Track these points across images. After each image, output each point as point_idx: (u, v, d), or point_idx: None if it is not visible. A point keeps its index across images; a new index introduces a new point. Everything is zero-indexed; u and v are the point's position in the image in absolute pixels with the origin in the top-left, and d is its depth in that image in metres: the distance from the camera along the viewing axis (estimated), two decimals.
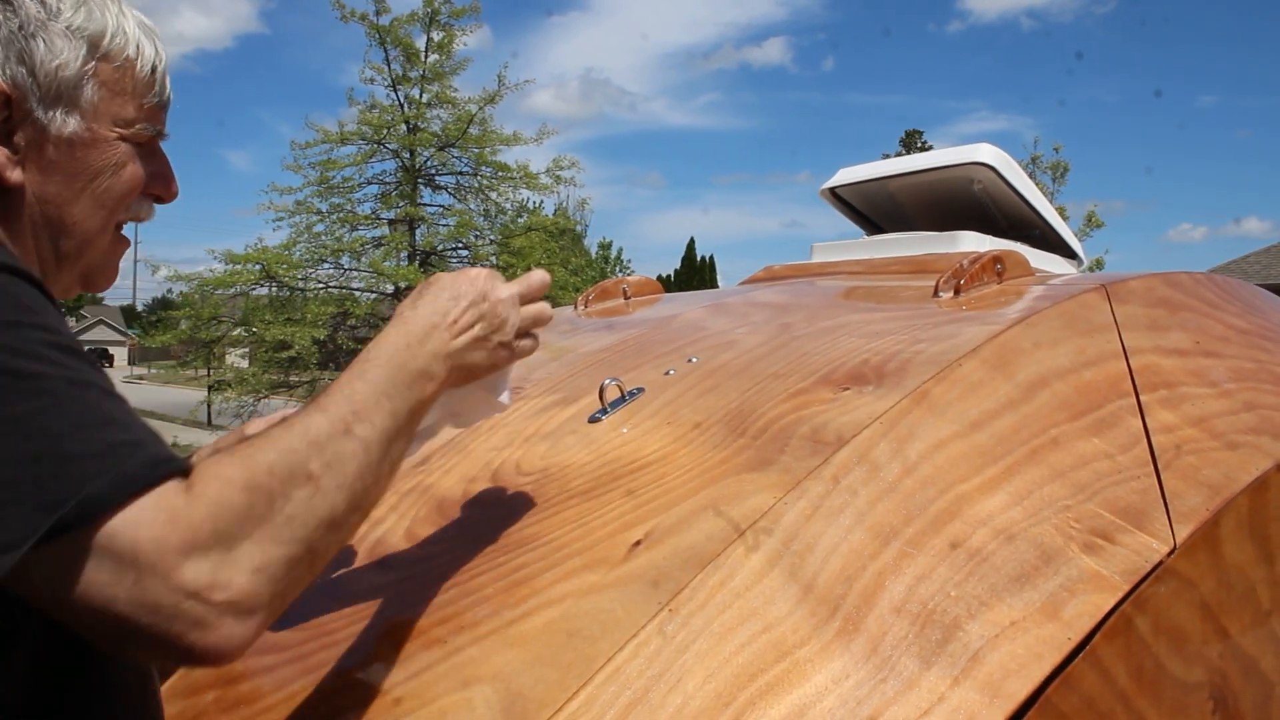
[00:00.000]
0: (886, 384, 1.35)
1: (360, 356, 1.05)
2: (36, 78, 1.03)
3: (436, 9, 17.62)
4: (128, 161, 1.11)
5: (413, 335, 1.08)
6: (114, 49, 1.08)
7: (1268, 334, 1.81)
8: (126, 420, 0.86)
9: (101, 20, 1.07)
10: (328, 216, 17.90)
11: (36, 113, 1.03)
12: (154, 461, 0.84)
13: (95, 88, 1.07)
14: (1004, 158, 2.58)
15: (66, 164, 1.06)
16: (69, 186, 1.07)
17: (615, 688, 0.98)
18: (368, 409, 0.99)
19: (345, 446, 0.95)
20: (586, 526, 1.22)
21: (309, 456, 0.92)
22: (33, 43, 1.03)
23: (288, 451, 0.92)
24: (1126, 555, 1.16)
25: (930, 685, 0.98)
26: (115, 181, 1.10)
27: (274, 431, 0.94)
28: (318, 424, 0.95)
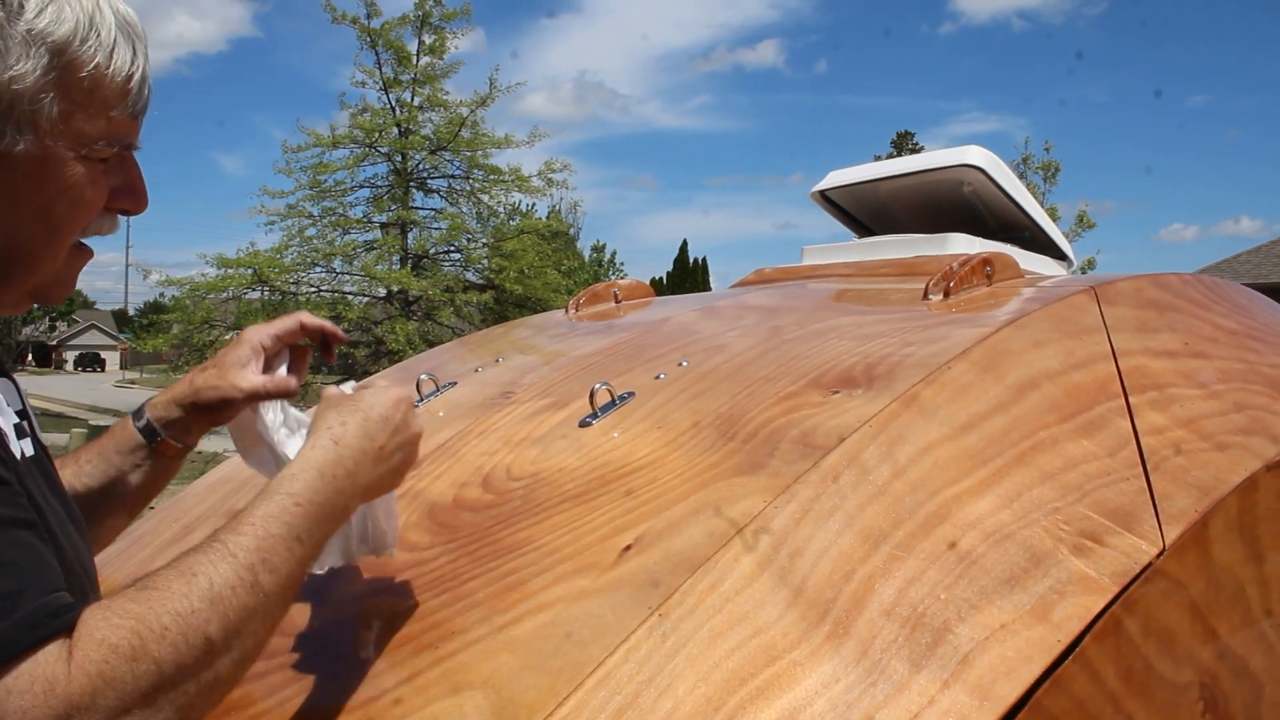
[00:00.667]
0: (876, 387, 1.35)
1: (283, 480, 1.00)
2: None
3: (428, 12, 17.65)
4: (85, 183, 0.98)
5: (342, 467, 1.04)
6: (82, 56, 0.94)
7: (1256, 334, 1.81)
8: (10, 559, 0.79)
9: (71, 22, 0.93)
10: (319, 220, 17.93)
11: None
12: (35, 620, 0.77)
13: (53, 101, 0.93)
14: (993, 159, 2.58)
15: (13, 185, 0.94)
16: (16, 209, 0.95)
17: (606, 693, 0.98)
18: (277, 557, 0.93)
19: (249, 602, 0.89)
20: (577, 531, 1.22)
21: (209, 619, 0.85)
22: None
23: (188, 614, 0.84)
24: (1116, 557, 1.16)
25: (920, 688, 0.98)
26: (68, 205, 0.98)
27: (175, 582, 0.86)
28: (224, 575, 0.88)
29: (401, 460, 1.13)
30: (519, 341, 2.43)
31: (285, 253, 17.55)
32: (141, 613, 0.82)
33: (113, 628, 0.80)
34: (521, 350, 2.26)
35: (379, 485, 1.11)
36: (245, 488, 1.70)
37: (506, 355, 2.15)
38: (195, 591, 0.86)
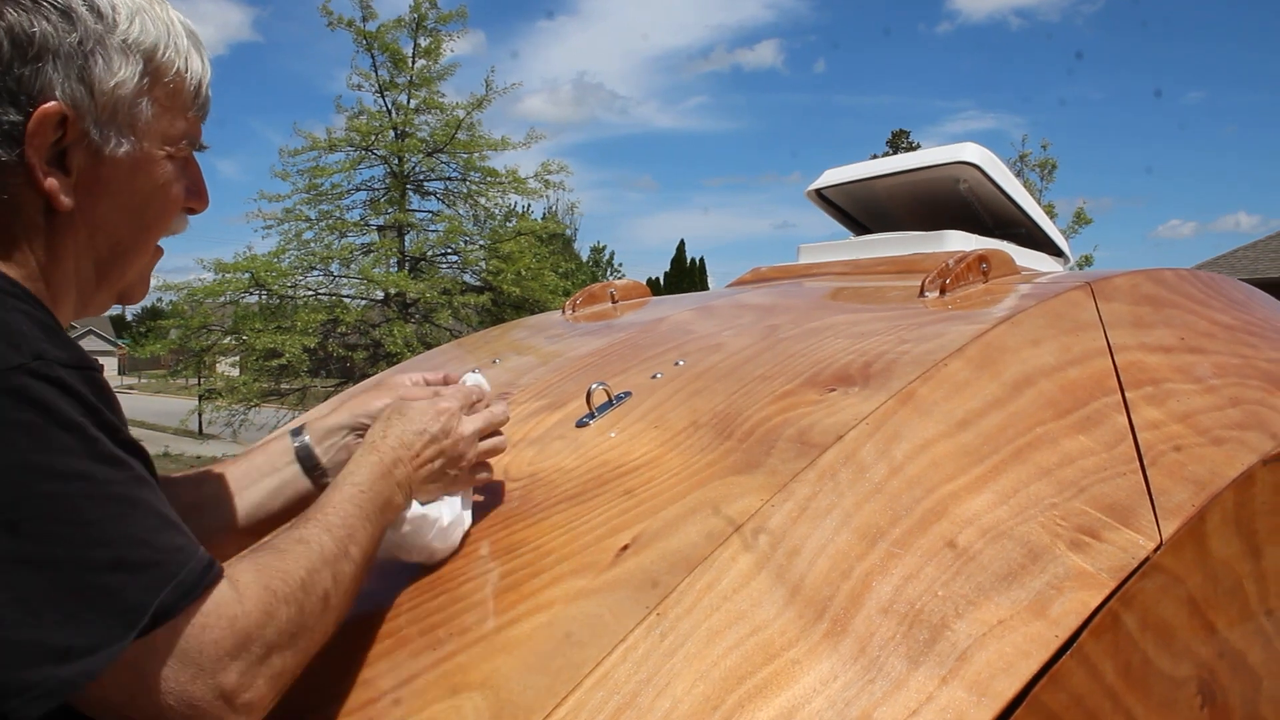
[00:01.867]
0: (873, 385, 1.35)
1: (344, 478, 1.15)
2: (94, 98, 0.98)
3: (423, 14, 17.63)
4: (172, 181, 1.08)
5: (384, 466, 1.18)
6: (166, 63, 1.04)
7: (1252, 329, 1.81)
8: (170, 518, 0.91)
9: (156, 32, 1.03)
10: (316, 224, 17.91)
11: (92, 134, 0.99)
12: (203, 568, 0.90)
13: (148, 105, 1.03)
14: (989, 157, 2.59)
15: (117, 186, 1.03)
16: (117, 209, 1.04)
17: (604, 693, 0.98)
18: (357, 532, 1.10)
19: (346, 568, 1.06)
20: (574, 531, 1.22)
21: (326, 577, 1.02)
22: (92, 60, 0.98)
23: (312, 570, 1.01)
24: (1113, 552, 1.16)
25: (918, 685, 0.98)
26: (160, 202, 1.08)
27: (293, 547, 1.02)
28: (328, 545, 1.05)
29: (443, 464, 1.25)
30: (516, 342, 2.43)
31: (282, 256, 17.53)
32: (286, 567, 0.99)
33: (270, 576, 0.97)
34: (518, 351, 2.26)
35: (423, 484, 1.24)
36: None
37: (503, 356, 2.15)
38: (315, 555, 1.02)
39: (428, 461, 1.23)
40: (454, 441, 1.25)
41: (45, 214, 0.99)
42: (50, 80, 0.96)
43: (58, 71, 0.96)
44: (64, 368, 0.87)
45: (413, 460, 1.21)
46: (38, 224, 0.99)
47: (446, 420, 1.25)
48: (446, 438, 1.25)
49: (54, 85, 0.96)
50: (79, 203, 1.00)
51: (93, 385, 0.89)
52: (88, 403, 0.87)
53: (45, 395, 0.84)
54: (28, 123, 0.95)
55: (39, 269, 1.00)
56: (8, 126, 0.95)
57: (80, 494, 0.84)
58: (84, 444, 0.85)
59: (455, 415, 1.27)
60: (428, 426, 1.24)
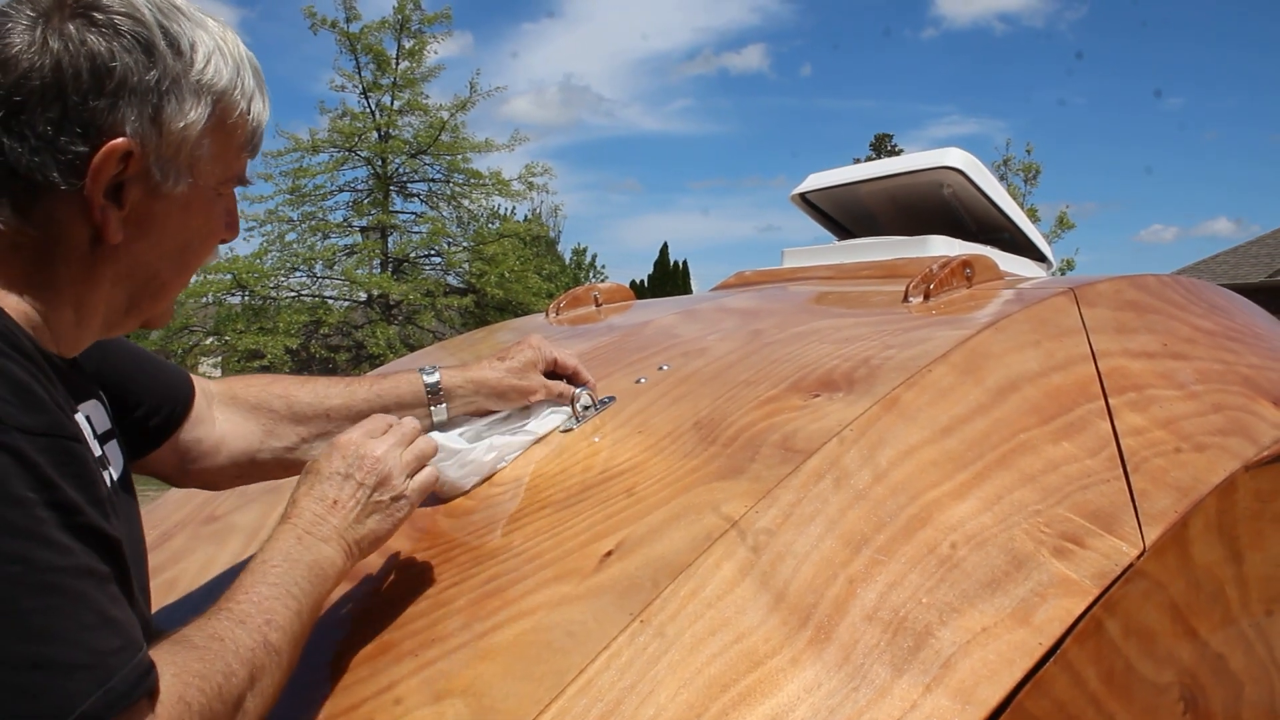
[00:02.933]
0: (857, 390, 1.35)
1: (259, 558, 1.06)
2: (163, 138, 0.96)
3: (407, 16, 17.60)
4: (219, 217, 1.07)
5: (301, 528, 1.10)
6: (232, 103, 1.03)
7: (1233, 335, 1.82)
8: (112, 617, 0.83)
9: (229, 75, 1.02)
10: (299, 225, 17.85)
11: (153, 171, 0.97)
12: (137, 678, 0.82)
13: (209, 146, 1.01)
14: (972, 161, 2.59)
15: (168, 222, 1.01)
16: (163, 243, 1.02)
17: (587, 700, 0.97)
18: (275, 614, 1.00)
19: (268, 661, 0.97)
20: (558, 537, 1.22)
21: (243, 679, 0.93)
22: (166, 100, 0.96)
23: (230, 675, 0.92)
24: (1096, 559, 1.16)
25: (902, 693, 0.98)
26: (206, 238, 1.07)
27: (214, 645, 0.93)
28: (243, 640, 0.95)
29: (372, 495, 1.15)
30: (500, 345, 2.42)
31: (265, 258, 17.47)
32: (204, 672, 0.90)
33: (186, 686, 0.87)
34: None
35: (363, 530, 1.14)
36: (221, 495, 1.69)
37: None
38: (230, 655, 0.93)
39: (349, 500, 1.14)
40: (371, 465, 1.16)
41: (91, 243, 0.97)
42: (123, 116, 0.94)
43: (132, 108, 0.94)
44: (25, 435, 0.80)
45: (334, 508, 1.13)
46: (81, 252, 0.97)
47: (355, 448, 1.17)
48: (359, 469, 1.16)
49: (126, 121, 0.94)
50: (127, 235, 0.98)
51: (59, 457, 0.83)
52: (43, 477, 0.80)
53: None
54: (93, 155, 0.93)
55: (71, 295, 0.98)
56: (73, 157, 0.92)
57: (11, 578, 0.76)
58: (27, 522, 0.78)
59: (361, 442, 1.18)
60: (335, 469, 1.15)
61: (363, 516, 1.14)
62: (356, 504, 1.14)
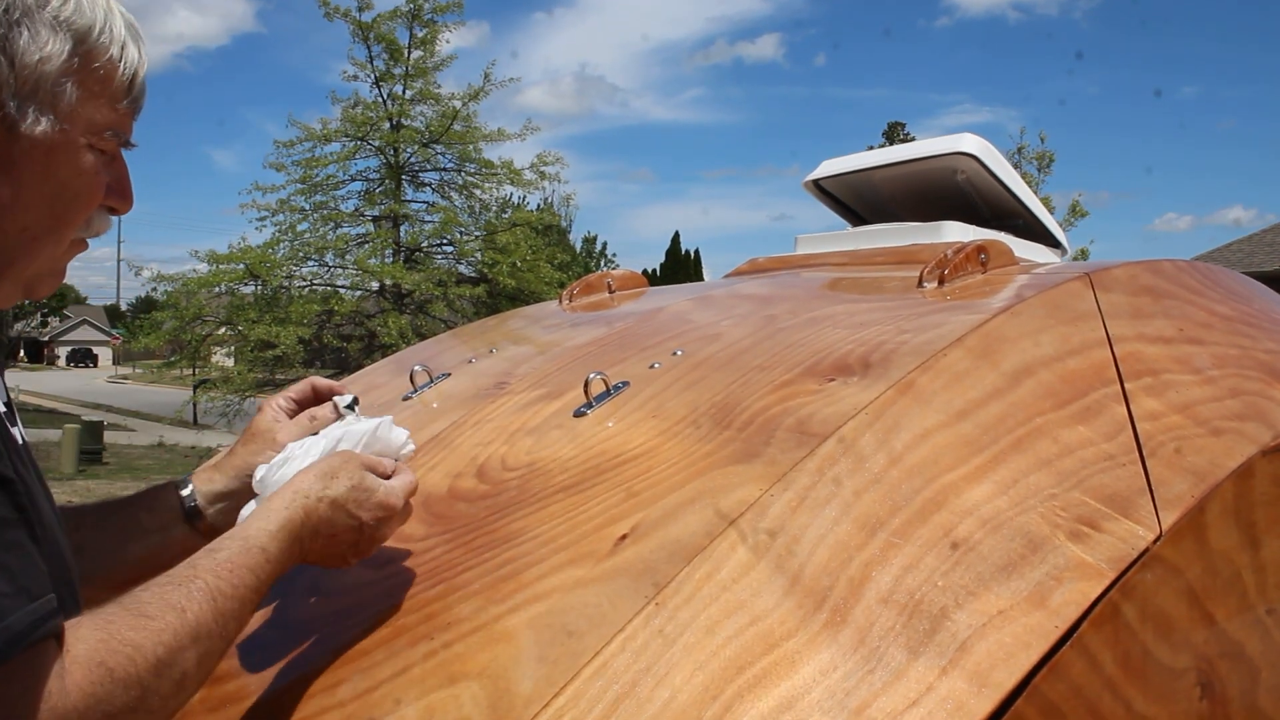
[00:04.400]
0: (872, 375, 1.34)
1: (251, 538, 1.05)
2: (15, 69, 0.93)
3: (419, 5, 17.57)
4: (94, 172, 1.02)
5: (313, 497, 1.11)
6: (99, 46, 0.99)
7: (1250, 320, 1.81)
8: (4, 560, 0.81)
9: (90, 15, 0.98)
10: (311, 214, 17.86)
11: (9, 107, 0.93)
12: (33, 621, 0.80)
13: (73, 87, 0.97)
14: (987, 147, 2.58)
15: (30, 166, 0.97)
16: (27, 191, 0.97)
17: (603, 682, 0.97)
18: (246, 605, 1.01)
19: (216, 646, 0.97)
20: (572, 521, 1.22)
21: (190, 658, 0.92)
22: (16, 30, 0.93)
23: (176, 649, 0.90)
24: (1113, 543, 1.16)
25: (918, 675, 0.98)
26: (76, 191, 1.01)
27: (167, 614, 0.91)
28: (205, 616, 0.94)
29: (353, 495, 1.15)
30: (513, 332, 2.42)
31: (277, 248, 17.50)
32: (139, 642, 0.87)
33: (112, 653, 0.85)
34: (515, 341, 2.26)
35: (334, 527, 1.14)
36: None
37: (500, 346, 2.14)
38: (184, 628, 0.92)
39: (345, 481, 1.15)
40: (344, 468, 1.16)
41: None
42: None
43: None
44: None
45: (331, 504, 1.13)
46: None
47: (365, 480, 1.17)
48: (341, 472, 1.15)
49: None
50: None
51: None
52: None
53: None
54: None
55: None
56: None
57: None
58: None
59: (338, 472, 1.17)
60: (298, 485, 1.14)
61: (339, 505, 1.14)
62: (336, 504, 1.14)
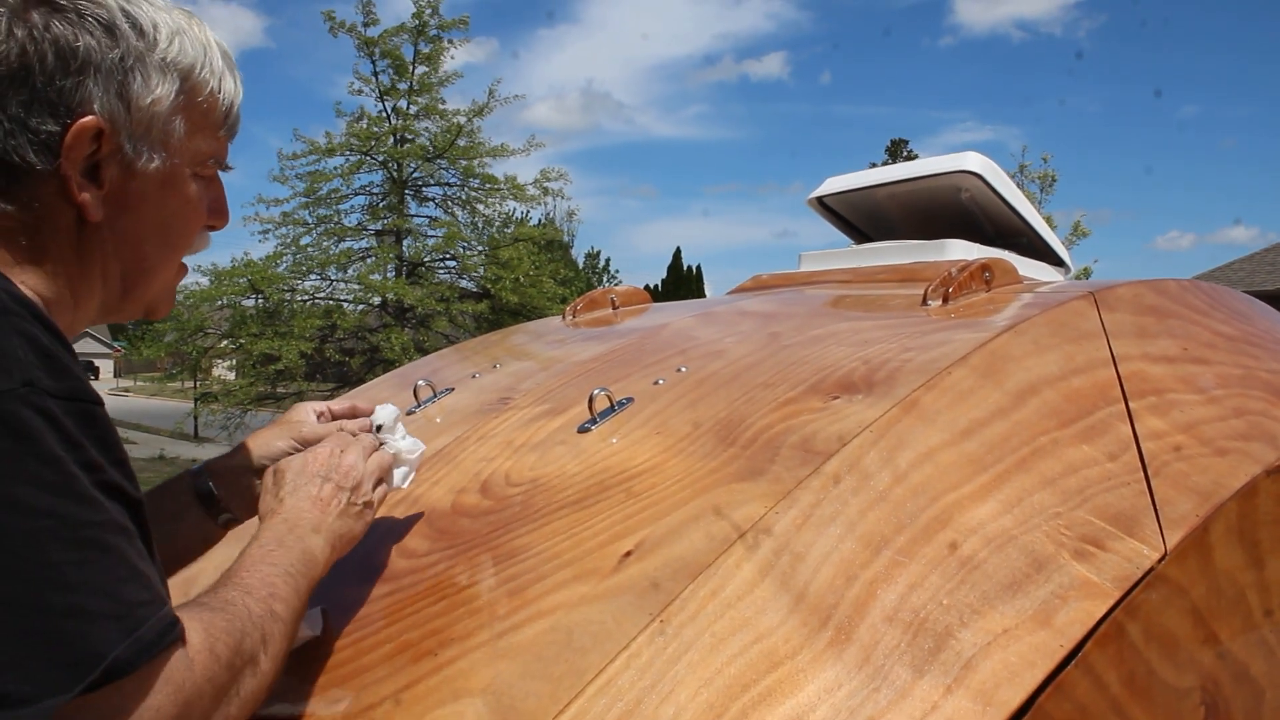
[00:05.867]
0: (876, 392, 1.35)
1: (255, 544, 1.11)
2: (131, 113, 1.01)
3: (425, 21, 17.63)
4: (198, 199, 1.11)
5: (290, 520, 1.15)
6: (201, 82, 1.07)
7: (1254, 340, 1.81)
8: (140, 570, 0.86)
9: (193, 53, 1.06)
10: (314, 228, 17.88)
11: (125, 148, 1.01)
12: (164, 627, 0.86)
13: (181, 123, 1.06)
14: (991, 166, 2.58)
15: (146, 201, 1.05)
16: (145, 223, 1.06)
17: (607, 700, 0.97)
18: (278, 589, 1.05)
19: (274, 628, 1.01)
20: (576, 537, 1.22)
21: (257, 641, 0.98)
22: (130, 77, 1.00)
23: (242, 635, 0.96)
24: (1118, 562, 1.16)
25: (923, 694, 0.98)
26: (185, 219, 1.10)
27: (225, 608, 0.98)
28: (253, 607, 1.00)
29: (349, 498, 1.21)
30: (516, 347, 2.42)
31: (279, 261, 17.52)
32: (228, 628, 0.95)
33: (215, 640, 0.92)
34: (519, 356, 2.26)
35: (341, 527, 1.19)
36: None
37: (503, 361, 2.14)
38: (244, 617, 0.98)
39: (332, 499, 1.20)
40: (344, 472, 1.22)
41: (76, 224, 1.01)
42: (90, 94, 0.98)
43: (98, 85, 0.98)
44: (53, 398, 0.83)
45: (318, 503, 1.18)
46: (69, 233, 1.01)
47: (327, 458, 1.23)
48: (336, 471, 1.22)
49: (93, 99, 0.98)
50: (109, 215, 1.02)
51: (84, 419, 0.86)
52: (72, 438, 0.84)
53: (27, 424, 0.81)
54: (65, 135, 0.96)
55: (65, 277, 1.02)
56: (45, 137, 0.96)
57: (46, 532, 0.80)
58: (60, 479, 0.82)
59: (334, 452, 1.24)
60: (315, 471, 1.21)
61: (341, 516, 1.20)
62: (337, 504, 1.20)
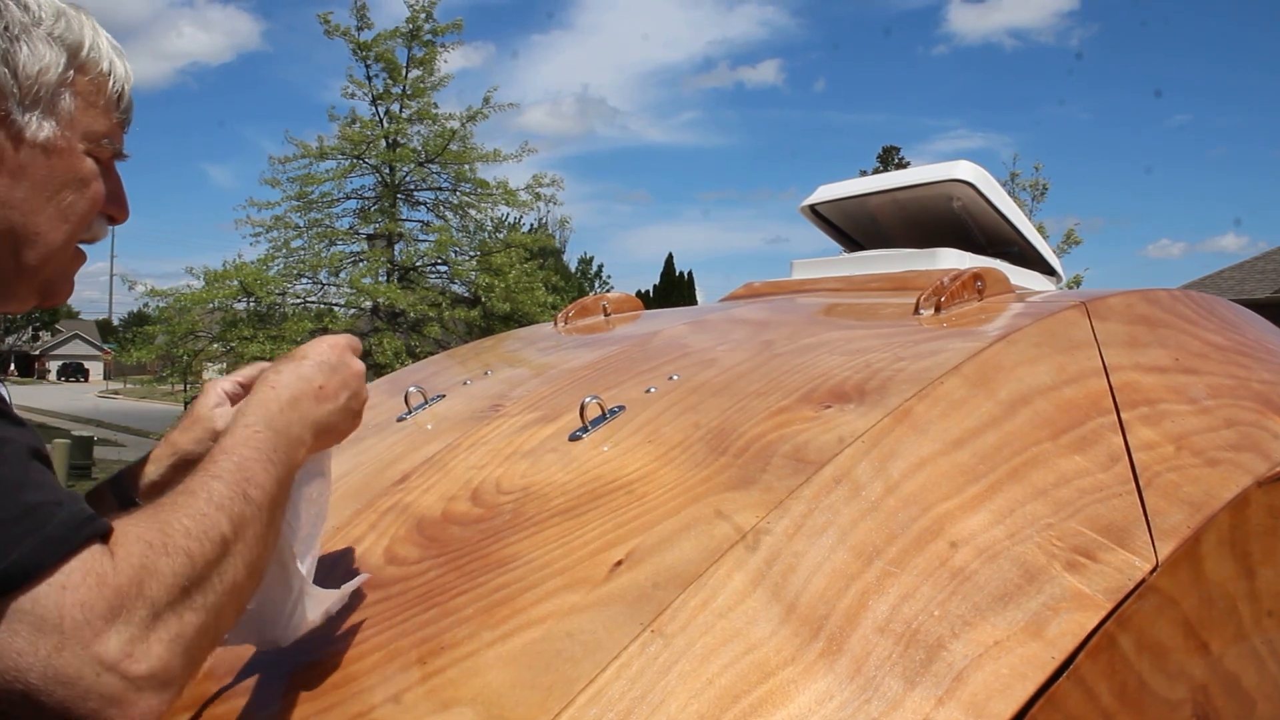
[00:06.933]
0: (868, 402, 1.34)
1: (236, 422, 1.06)
2: (18, 79, 1.02)
3: (419, 26, 17.64)
4: (92, 178, 1.10)
5: (281, 401, 1.11)
6: (90, 61, 1.09)
7: (1245, 350, 1.82)
8: (43, 480, 0.85)
9: (79, 32, 1.08)
10: (306, 231, 17.87)
11: (14, 115, 1.02)
12: (76, 523, 0.82)
13: (72, 97, 1.07)
14: (983, 175, 2.59)
15: (36, 171, 1.05)
16: (36, 194, 1.05)
17: (597, 709, 0.97)
18: (256, 474, 1.00)
19: (245, 510, 0.96)
20: (567, 546, 1.21)
21: (219, 520, 0.92)
22: (16, 45, 1.02)
23: (200, 516, 0.91)
24: (1109, 573, 1.16)
25: (914, 706, 0.97)
26: (81, 196, 1.09)
27: (180, 498, 0.93)
28: (219, 491, 0.95)
29: (349, 398, 1.18)
30: (508, 354, 2.42)
31: (271, 264, 17.50)
32: (165, 518, 0.89)
33: (145, 528, 0.87)
34: (510, 363, 2.25)
35: (331, 422, 1.16)
36: None
37: (495, 368, 2.14)
38: (201, 502, 0.93)
39: (334, 394, 1.16)
40: (355, 373, 1.20)
41: None
42: None
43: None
44: None
45: (316, 394, 1.14)
46: None
47: (341, 351, 1.20)
48: (347, 368, 1.19)
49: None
50: None
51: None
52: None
53: None
54: None
55: None
56: None
57: None
58: None
59: (347, 348, 1.22)
60: (325, 358, 1.18)
61: (337, 417, 1.17)
62: (336, 399, 1.16)
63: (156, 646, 0.82)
